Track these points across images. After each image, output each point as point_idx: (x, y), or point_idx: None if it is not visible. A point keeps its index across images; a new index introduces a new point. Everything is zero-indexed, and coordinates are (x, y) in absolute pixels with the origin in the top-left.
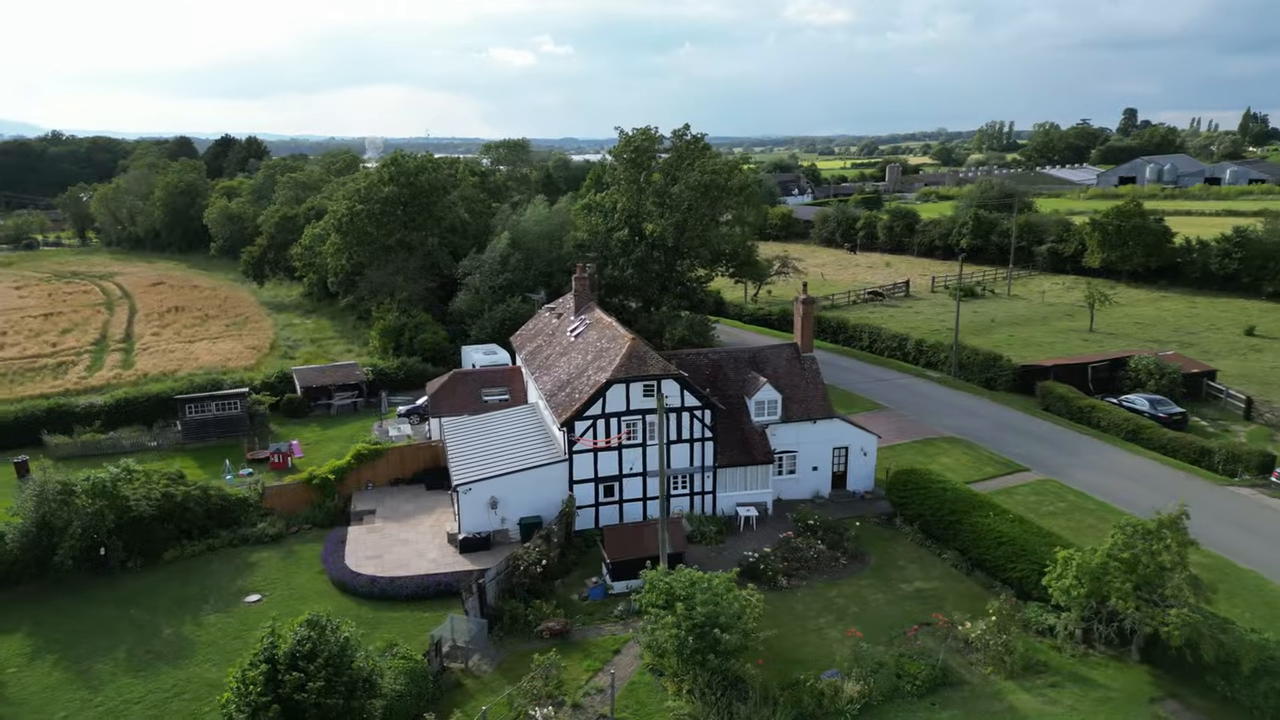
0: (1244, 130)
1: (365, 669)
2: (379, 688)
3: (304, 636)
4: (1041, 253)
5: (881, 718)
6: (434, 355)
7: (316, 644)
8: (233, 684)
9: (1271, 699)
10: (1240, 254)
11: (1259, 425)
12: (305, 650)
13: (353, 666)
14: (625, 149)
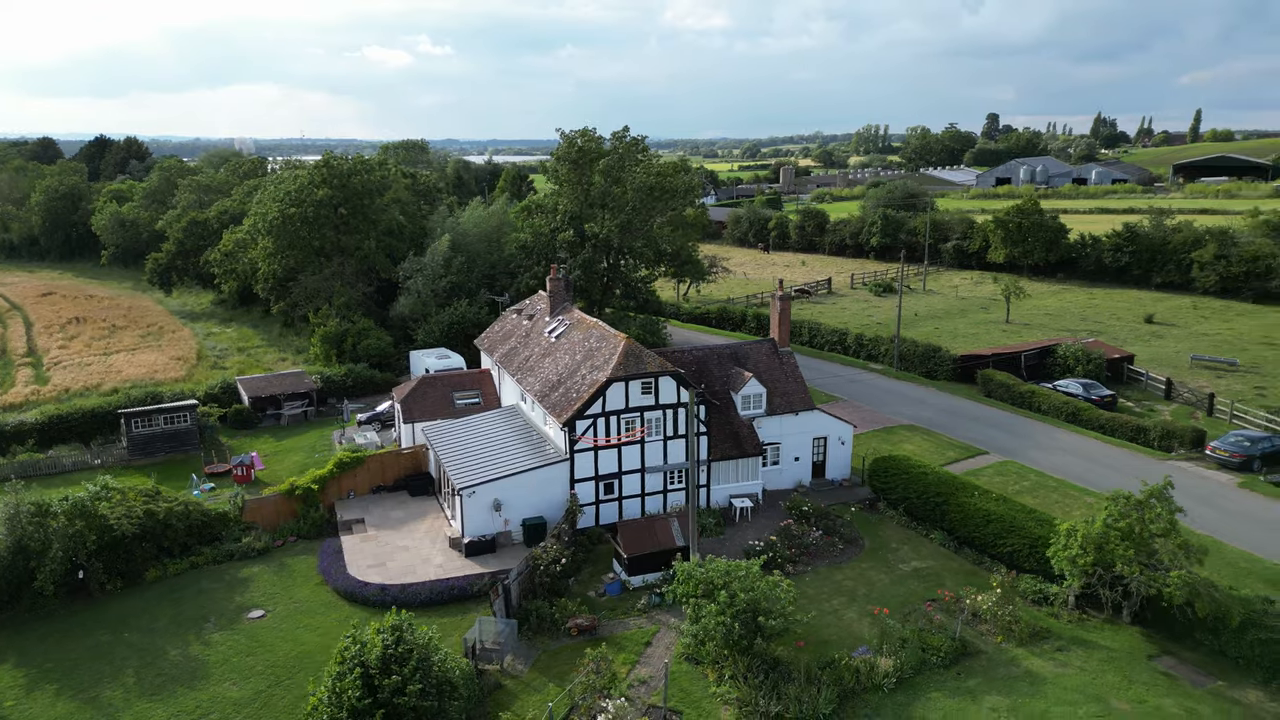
0: (1096, 134)
1: (445, 670)
2: (458, 688)
3: (392, 640)
4: (948, 250)
5: (915, 689)
6: (380, 361)
7: (406, 647)
8: (321, 694)
9: (1258, 648)
10: (1131, 248)
11: (1179, 404)
12: (397, 653)
13: (435, 668)
14: (570, 150)
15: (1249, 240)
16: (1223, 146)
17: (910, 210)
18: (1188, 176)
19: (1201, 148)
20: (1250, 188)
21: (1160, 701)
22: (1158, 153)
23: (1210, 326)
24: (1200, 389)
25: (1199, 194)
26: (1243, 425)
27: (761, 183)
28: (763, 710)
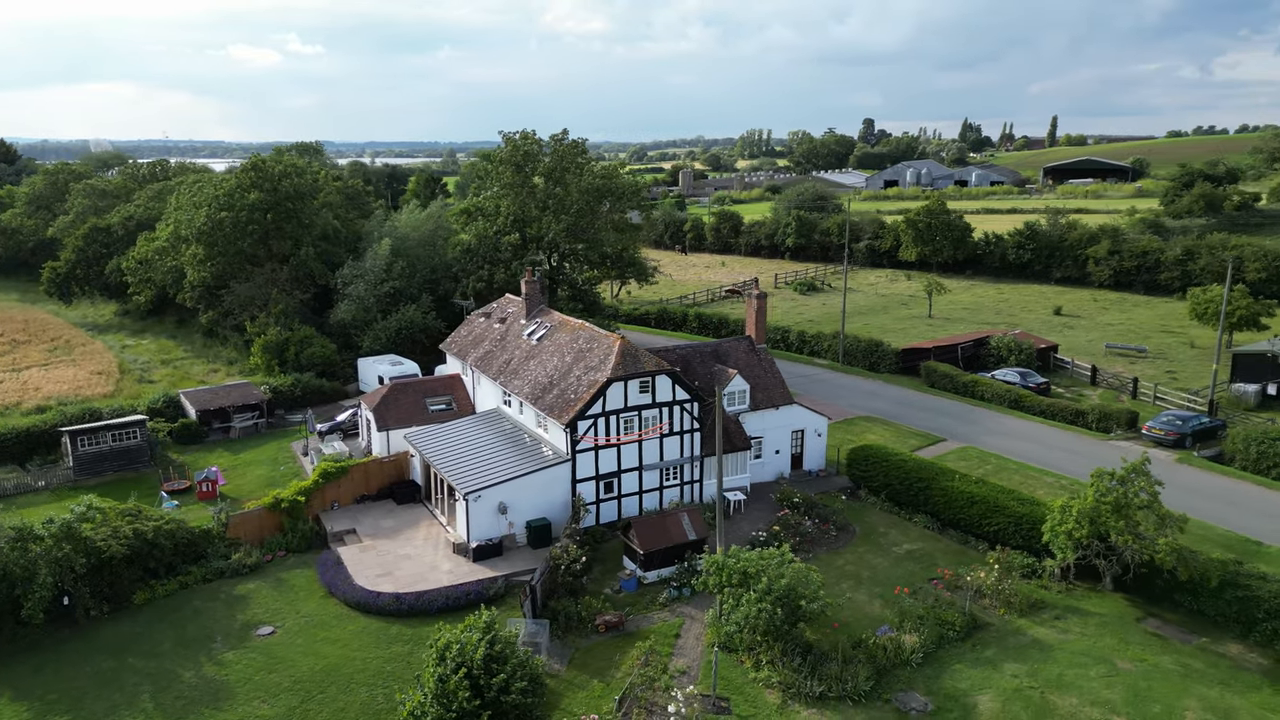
0: (964, 138)
1: (534, 667)
2: (546, 686)
3: (487, 640)
4: (860, 249)
5: (940, 662)
6: (326, 370)
7: (502, 646)
8: (417, 698)
9: (1234, 606)
10: (1032, 245)
11: (1105, 389)
12: (495, 653)
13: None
14: (515, 154)
15: (1136, 237)
16: (1078, 150)
17: (821, 212)
18: (1056, 178)
19: (1059, 151)
20: (1114, 189)
21: (1157, 659)
22: (1021, 156)
23: (1111, 317)
24: (1121, 374)
25: (1069, 195)
26: (1165, 406)
27: (659, 185)
28: (806, 691)
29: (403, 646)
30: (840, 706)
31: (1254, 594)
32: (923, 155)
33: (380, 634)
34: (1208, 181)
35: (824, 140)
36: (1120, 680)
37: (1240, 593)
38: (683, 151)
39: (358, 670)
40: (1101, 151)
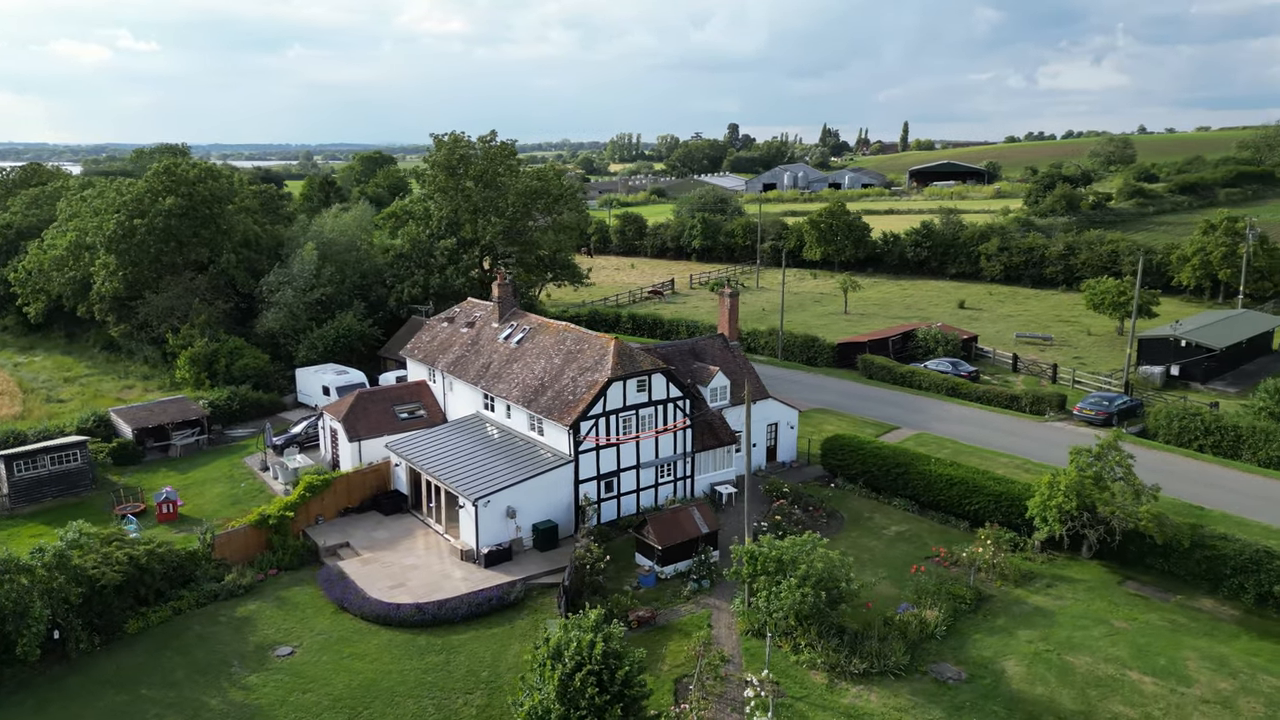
0: (825, 142)
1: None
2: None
3: (604, 637)
4: (765, 250)
5: (960, 633)
6: (261, 382)
7: (618, 644)
8: (536, 699)
9: (1203, 564)
10: (929, 244)
11: (1026, 375)
12: (615, 650)
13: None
14: (451, 157)
15: (1021, 234)
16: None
17: (722, 215)
18: (920, 181)
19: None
20: (975, 190)
21: (1146, 617)
22: (880, 159)
23: (1008, 309)
24: (1040, 361)
25: (936, 196)
26: (1084, 389)
27: None
28: (850, 669)
29: (436, 656)
30: (883, 681)
31: (1220, 553)
32: (792, 160)
33: (408, 646)
34: (1066, 183)
35: (698, 145)
36: (1121, 638)
37: (1208, 552)
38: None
39: (397, 683)
40: (952, 155)
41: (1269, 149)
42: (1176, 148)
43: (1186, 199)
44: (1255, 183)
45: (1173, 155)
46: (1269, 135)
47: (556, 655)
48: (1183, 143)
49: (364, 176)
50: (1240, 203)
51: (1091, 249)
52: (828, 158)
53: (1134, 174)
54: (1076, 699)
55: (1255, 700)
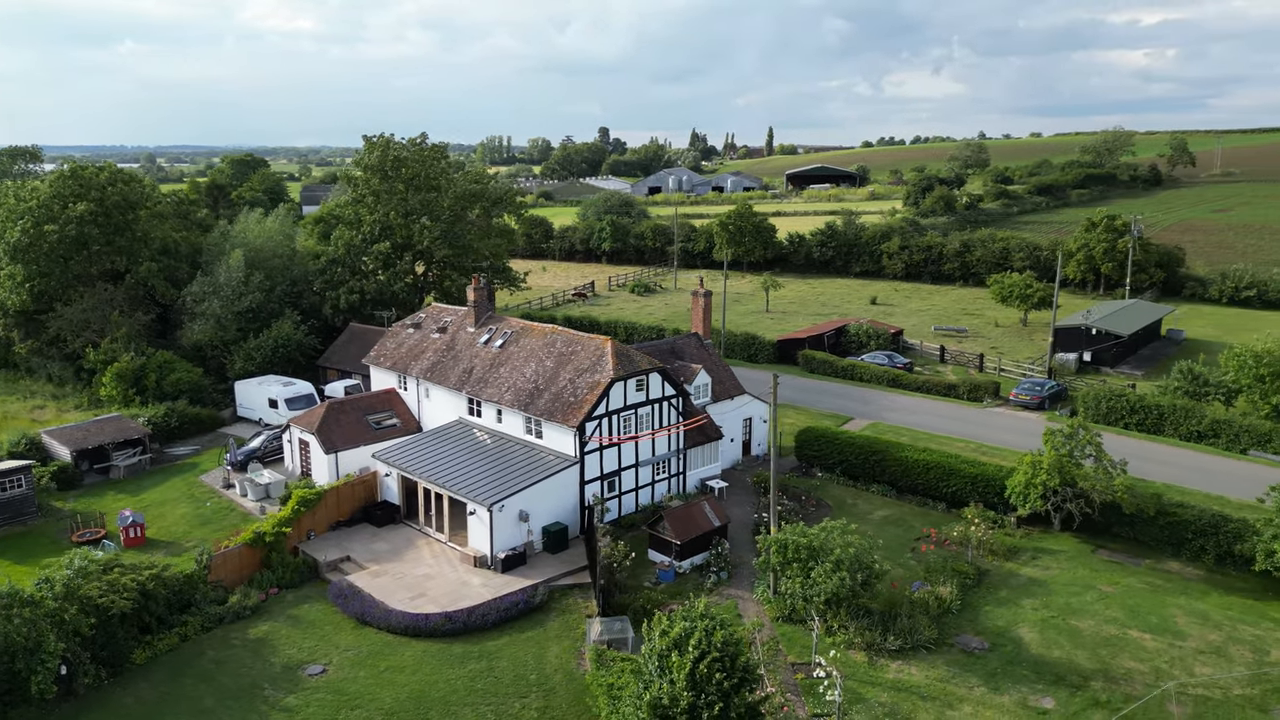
0: (694, 146)
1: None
2: None
3: (719, 624)
4: (675, 251)
5: (972, 606)
6: (196, 396)
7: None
8: (665, 689)
9: (1166, 530)
10: (834, 244)
11: (954, 365)
12: (731, 636)
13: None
14: (384, 160)
15: (919, 233)
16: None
17: (628, 217)
18: (797, 184)
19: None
20: (850, 193)
21: (1126, 580)
22: (749, 164)
23: (916, 304)
24: (966, 351)
25: (815, 198)
26: (1009, 377)
27: None
28: (886, 647)
29: (476, 664)
30: (917, 656)
31: (1181, 519)
32: (669, 164)
33: (443, 655)
34: (943, 185)
35: (577, 148)
36: (1113, 601)
37: (1170, 519)
38: None
39: (447, 693)
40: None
41: (1108, 153)
42: (1023, 152)
43: (1044, 199)
44: (1101, 184)
45: (1021, 159)
46: (1108, 140)
47: (678, 645)
48: (1028, 147)
49: (236, 180)
50: (1090, 202)
51: (985, 247)
52: (699, 161)
53: (991, 177)
54: (1091, 658)
55: (1243, 648)
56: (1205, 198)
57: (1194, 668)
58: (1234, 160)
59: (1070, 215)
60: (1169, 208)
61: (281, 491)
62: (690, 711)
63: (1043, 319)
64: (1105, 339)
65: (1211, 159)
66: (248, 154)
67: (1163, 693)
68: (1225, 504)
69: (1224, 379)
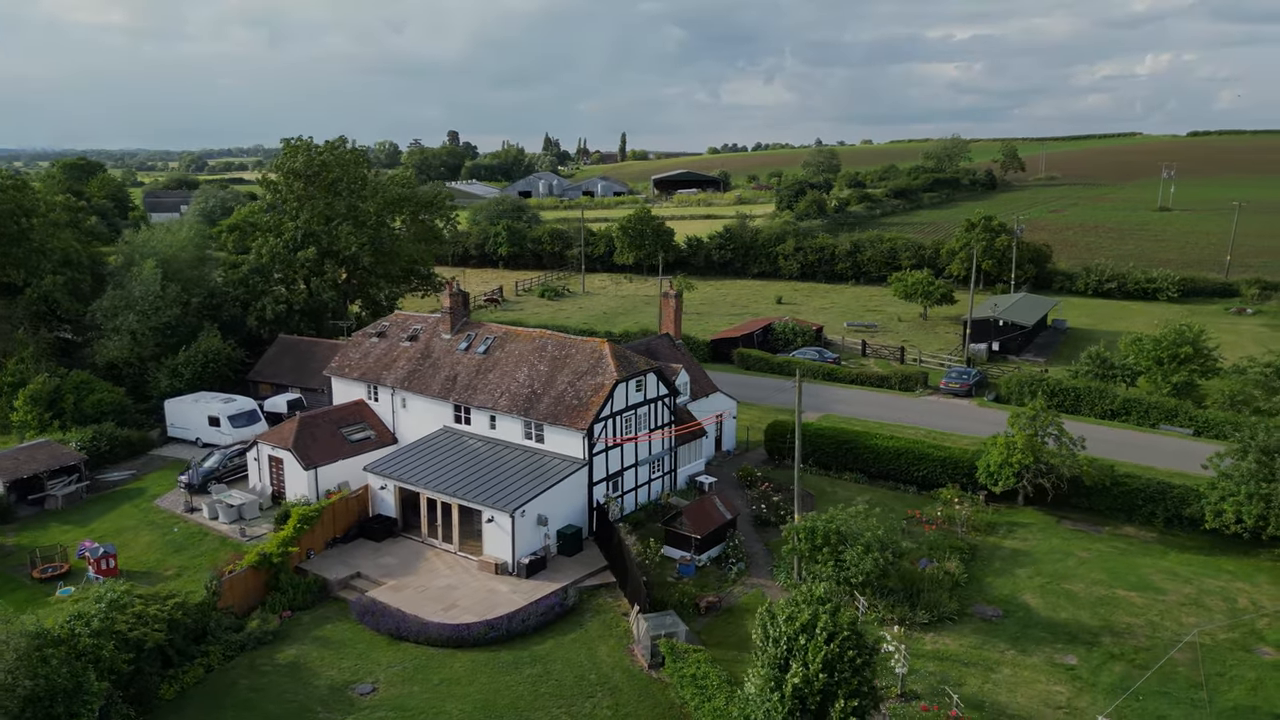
0: (547, 150)
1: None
2: None
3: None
4: (574, 255)
5: (975, 579)
6: (120, 418)
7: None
8: (797, 671)
9: (1121, 499)
10: (732, 246)
11: (876, 358)
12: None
13: None
14: (309, 164)
15: (812, 235)
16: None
17: (523, 222)
18: (663, 189)
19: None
20: (717, 197)
21: (1095, 546)
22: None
23: (817, 302)
24: (889, 345)
25: (685, 203)
26: (929, 367)
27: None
28: (917, 620)
29: (531, 669)
30: (943, 627)
31: (1132, 488)
32: (530, 168)
33: (493, 663)
34: (814, 190)
35: (436, 152)
36: (1093, 564)
37: (1122, 489)
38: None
39: (514, 699)
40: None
41: (949, 158)
42: (865, 158)
43: (900, 202)
44: (947, 188)
45: (865, 165)
46: (947, 146)
47: (807, 629)
48: (871, 153)
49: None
50: (939, 204)
51: (874, 247)
52: (556, 166)
53: (845, 181)
54: (1093, 617)
55: (1215, 598)
56: (1039, 199)
57: (1181, 618)
58: (1054, 165)
59: (925, 216)
60: (1009, 209)
61: (256, 513)
62: (825, 691)
63: (941, 313)
64: (1011, 329)
65: (1037, 164)
66: (80, 157)
67: (1186, 643)
68: (1153, 472)
69: (1126, 362)
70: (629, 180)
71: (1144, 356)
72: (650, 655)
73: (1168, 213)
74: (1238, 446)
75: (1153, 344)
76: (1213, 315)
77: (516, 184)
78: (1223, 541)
